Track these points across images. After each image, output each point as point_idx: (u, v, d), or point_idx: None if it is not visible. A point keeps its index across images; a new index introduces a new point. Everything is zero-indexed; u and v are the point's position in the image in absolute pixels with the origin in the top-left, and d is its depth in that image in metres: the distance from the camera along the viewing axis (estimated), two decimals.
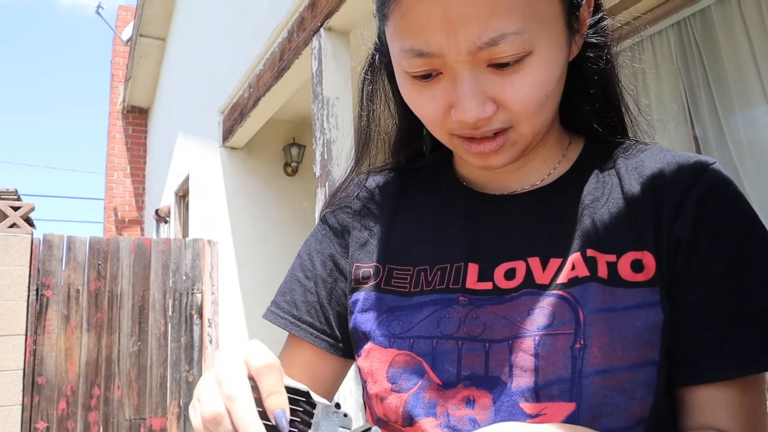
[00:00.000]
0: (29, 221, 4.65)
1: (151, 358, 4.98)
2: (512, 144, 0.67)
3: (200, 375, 5.09)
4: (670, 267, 0.65)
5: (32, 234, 4.57)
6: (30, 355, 4.54)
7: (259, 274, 5.32)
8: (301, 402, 0.52)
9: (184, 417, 5.03)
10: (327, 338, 0.80)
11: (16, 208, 4.54)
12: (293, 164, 5.70)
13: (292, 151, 5.65)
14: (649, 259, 0.65)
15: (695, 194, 0.66)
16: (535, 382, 0.62)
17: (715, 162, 0.68)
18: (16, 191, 4.74)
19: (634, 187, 0.69)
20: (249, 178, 5.64)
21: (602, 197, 0.70)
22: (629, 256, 0.65)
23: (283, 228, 5.51)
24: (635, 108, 0.77)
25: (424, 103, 0.66)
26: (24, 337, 4.47)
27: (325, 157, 3.30)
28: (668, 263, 0.65)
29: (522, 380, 0.63)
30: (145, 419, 4.90)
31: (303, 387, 0.53)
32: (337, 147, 3.29)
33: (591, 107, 0.76)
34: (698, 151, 2.90)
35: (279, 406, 0.50)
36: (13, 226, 4.51)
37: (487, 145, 0.66)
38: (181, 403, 5.03)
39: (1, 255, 4.42)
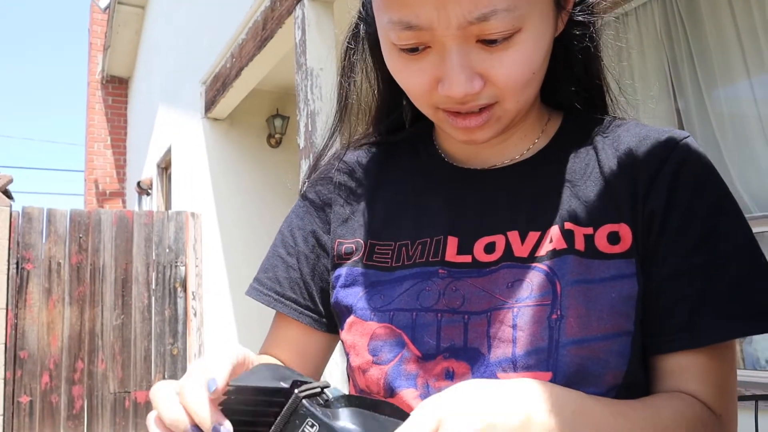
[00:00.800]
0: (7, 193, 4.59)
1: (135, 331, 4.97)
2: (497, 119, 0.67)
3: (184, 348, 5.11)
4: (644, 239, 0.66)
5: (11, 207, 4.52)
6: (11, 329, 4.52)
7: (244, 247, 5.31)
8: (273, 401, 0.52)
9: None
10: (311, 314, 0.81)
11: None
12: (277, 136, 5.65)
13: (276, 122, 5.60)
14: (625, 230, 0.66)
15: (669, 167, 0.67)
16: (513, 352, 0.64)
17: (688, 136, 0.70)
18: None
19: (611, 161, 0.70)
20: (232, 149, 5.59)
21: (580, 171, 0.72)
22: (606, 228, 0.67)
23: (267, 200, 5.48)
24: (616, 87, 0.77)
25: (410, 76, 0.66)
26: (5, 311, 4.44)
27: (309, 129, 3.28)
28: (643, 235, 0.66)
29: (500, 351, 0.64)
30: (129, 392, 4.91)
31: (284, 385, 0.52)
32: (321, 118, 3.27)
33: (572, 83, 0.77)
34: (680, 124, 2.91)
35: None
36: None
37: (473, 120, 0.66)
38: (165, 376, 5.04)
39: None
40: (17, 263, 4.59)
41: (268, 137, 5.71)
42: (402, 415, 0.53)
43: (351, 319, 0.74)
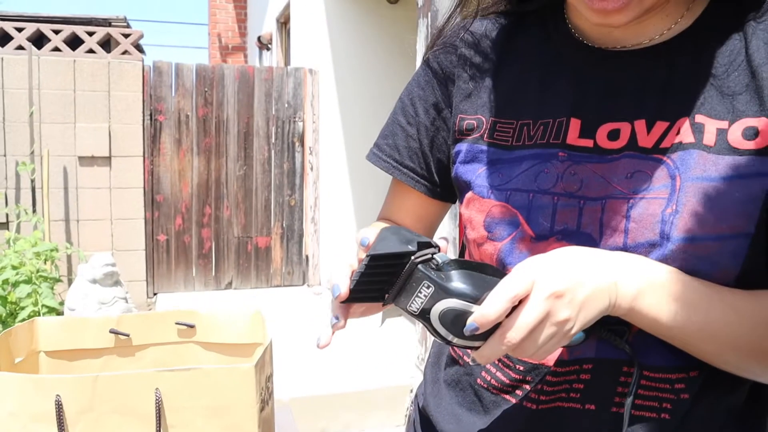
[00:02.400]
0: (139, 48, 4.80)
1: (256, 181, 5.27)
2: (639, 1, 0.63)
3: (301, 200, 5.38)
4: None
5: (143, 61, 4.75)
6: (148, 174, 4.92)
7: (360, 104, 5.36)
8: (401, 263, 0.60)
9: (286, 238, 5.40)
10: (426, 183, 0.84)
11: (126, 36, 4.69)
12: None
13: None
14: (765, 125, 0.61)
15: None
16: (624, 242, 0.64)
17: None
18: (125, 18, 4.86)
19: (761, 50, 0.64)
20: (350, 4, 5.49)
21: (723, 59, 0.66)
22: (743, 122, 0.62)
23: (384, 58, 5.42)
24: None
25: None
26: (142, 158, 4.81)
27: None
28: None
29: (611, 239, 0.65)
30: (251, 237, 5.30)
31: (410, 248, 0.60)
32: None
33: None
34: None
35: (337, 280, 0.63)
36: (125, 53, 4.68)
37: (612, 2, 0.62)
38: (283, 225, 5.38)
39: (117, 81, 4.65)
40: (150, 115, 4.90)
41: None
42: (503, 274, 0.59)
43: (469, 195, 0.75)
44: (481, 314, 0.55)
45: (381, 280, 0.61)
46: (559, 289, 0.56)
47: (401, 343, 3.92)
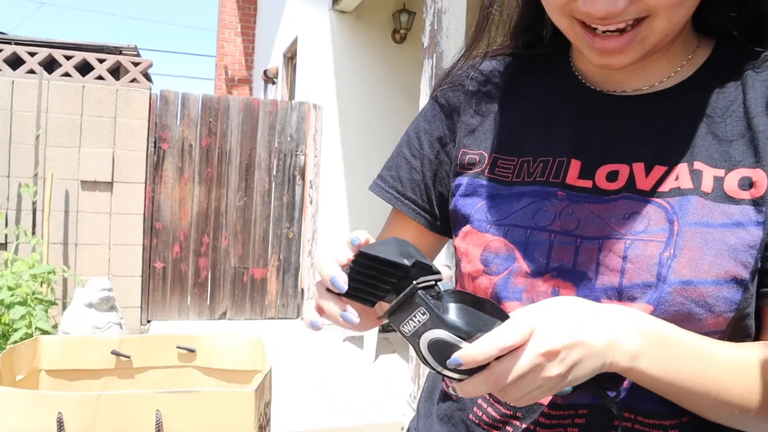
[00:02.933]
0: (147, 76, 4.88)
1: (256, 213, 5.29)
2: (640, 42, 0.64)
3: (299, 233, 5.39)
4: None
5: (150, 89, 4.81)
6: (149, 201, 4.94)
7: (362, 141, 5.41)
8: (392, 273, 0.60)
9: (283, 270, 5.40)
10: (427, 215, 0.85)
11: (136, 64, 4.76)
12: (402, 31, 5.58)
13: (402, 17, 5.51)
14: (760, 176, 0.63)
15: None
16: (620, 282, 0.64)
17: None
18: (136, 47, 4.94)
19: (758, 100, 0.66)
20: (357, 43, 5.59)
21: (721, 108, 0.67)
22: (739, 172, 0.64)
23: (388, 96, 5.50)
24: None
25: None
26: (144, 185, 4.84)
27: (435, 28, 3.22)
28: None
29: (606, 278, 0.65)
30: (248, 268, 5.30)
31: (406, 262, 0.59)
32: (447, 17, 3.19)
33: (731, 8, 0.70)
34: None
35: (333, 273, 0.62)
36: (133, 81, 4.75)
37: (612, 42, 0.64)
38: (281, 257, 5.38)
39: (124, 108, 4.71)
40: (155, 142, 4.95)
41: (393, 32, 5.64)
42: (502, 314, 0.59)
43: (467, 228, 0.76)
44: (468, 354, 0.55)
45: (371, 284, 0.61)
46: (554, 348, 0.55)
47: (393, 380, 3.89)
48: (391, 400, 3.53)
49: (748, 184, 0.63)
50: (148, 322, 5.04)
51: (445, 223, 0.85)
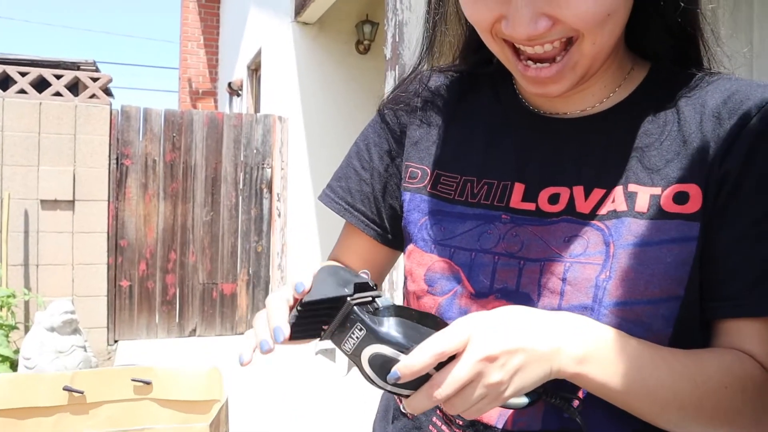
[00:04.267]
0: (107, 91, 4.80)
1: (223, 227, 5.23)
2: (571, 69, 0.65)
3: (268, 246, 5.35)
4: (714, 200, 0.64)
5: (111, 104, 4.73)
6: (113, 219, 4.85)
7: (328, 152, 5.40)
8: (335, 306, 0.60)
9: (252, 284, 5.34)
10: (377, 228, 0.84)
11: (95, 79, 4.68)
12: (366, 42, 5.59)
13: (365, 28, 5.52)
14: (695, 191, 0.64)
15: (754, 126, 0.63)
16: (559, 304, 0.66)
17: None
18: (94, 62, 4.86)
19: (692, 121, 0.67)
20: (320, 54, 5.58)
21: (656, 130, 0.69)
22: (675, 188, 0.65)
23: (353, 107, 5.50)
24: (713, 38, 0.72)
25: (476, 11, 0.65)
26: (107, 202, 4.75)
27: (396, 40, 3.22)
28: (714, 196, 0.64)
29: (547, 300, 0.66)
30: (217, 284, 5.23)
31: (346, 291, 0.60)
32: (409, 30, 3.20)
33: (663, 31, 0.72)
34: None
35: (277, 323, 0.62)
36: (92, 96, 4.67)
37: (545, 71, 0.65)
38: (250, 272, 5.32)
39: (83, 124, 4.62)
40: (117, 159, 4.86)
41: (357, 43, 5.65)
42: (443, 327, 0.58)
43: (411, 247, 0.77)
44: (405, 365, 0.55)
45: (319, 321, 0.61)
46: (492, 353, 0.55)
47: (367, 391, 3.87)
48: (365, 410, 3.50)
49: (684, 198, 0.64)
50: (116, 342, 4.94)
51: (396, 237, 0.85)
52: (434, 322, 0.60)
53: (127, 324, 4.99)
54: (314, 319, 0.61)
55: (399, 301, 0.77)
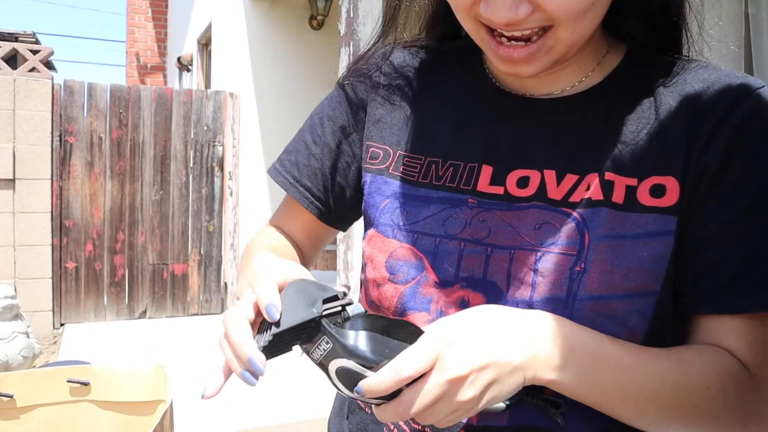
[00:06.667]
0: (49, 65, 4.59)
1: (173, 207, 5.10)
2: (546, 52, 0.62)
3: (220, 225, 5.25)
4: (692, 194, 0.62)
5: (53, 79, 4.53)
6: (57, 198, 4.67)
7: (281, 129, 5.30)
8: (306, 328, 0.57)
9: (204, 264, 5.24)
10: (320, 205, 0.81)
11: (35, 52, 4.47)
12: (319, 17, 5.48)
13: (318, 3, 5.41)
14: (672, 184, 0.62)
15: (734, 119, 0.61)
16: (531, 296, 0.63)
17: (763, 86, 0.63)
18: (34, 34, 4.64)
19: (669, 107, 0.65)
20: (273, 30, 5.46)
21: (633, 116, 0.66)
22: (651, 180, 0.63)
23: (306, 84, 5.40)
24: (696, 26, 0.69)
25: None
26: (50, 181, 4.57)
27: (351, 15, 3.15)
28: (691, 189, 0.62)
29: (518, 292, 0.64)
30: (167, 264, 5.12)
31: (314, 313, 0.57)
32: (363, 5, 3.13)
33: (643, 18, 0.69)
34: (748, 29, 2.71)
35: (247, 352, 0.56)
36: (32, 70, 4.46)
37: (518, 51, 0.61)
38: (201, 252, 5.22)
39: (23, 99, 4.42)
40: (60, 136, 4.67)
41: (310, 18, 5.54)
42: (414, 336, 0.56)
43: (371, 231, 0.73)
44: (369, 385, 0.53)
45: (290, 341, 0.59)
46: (460, 374, 0.53)
47: (322, 374, 3.84)
48: (320, 394, 3.48)
49: (660, 191, 0.62)
50: (62, 325, 4.79)
51: (339, 216, 0.83)
52: (406, 332, 0.58)
53: (74, 307, 4.84)
54: (286, 342, 0.58)
55: (357, 293, 0.74)
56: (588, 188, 0.64)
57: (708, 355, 0.61)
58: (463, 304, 0.66)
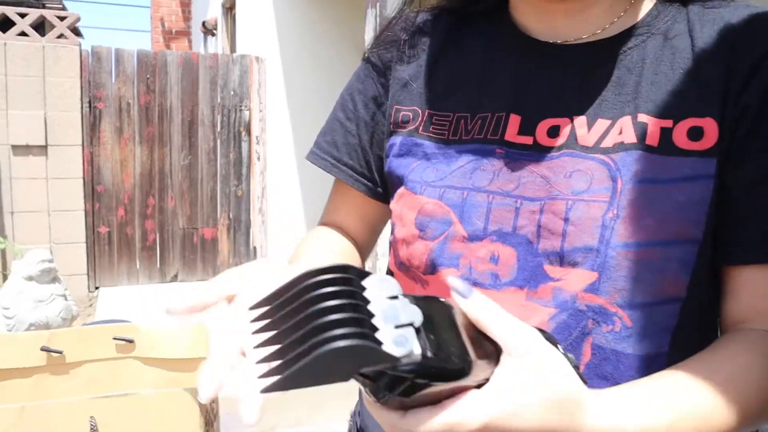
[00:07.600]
0: (76, 31, 4.61)
1: (202, 172, 5.14)
2: None
3: (248, 190, 5.28)
4: (731, 136, 0.60)
5: (80, 45, 4.55)
6: (88, 164, 4.73)
7: (307, 93, 5.28)
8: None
9: (234, 228, 5.30)
10: (366, 182, 0.80)
11: (62, 18, 4.49)
12: None
13: None
14: (711, 125, 0.60)
15: None
16: (561, 246, 0.61)
17: None
18: (61, 0, 4.65)
19: (706, 46, 0.62)
20: None
21: (667, 56, 0.64)
22: (688, 122, 0.60)
23: (332, 46, 5.35)
24: None
25: None
26: (81, 147, 4.62)
27: None
28: (731, 131, 0.60)
29: (548, 243, 0.62)
30: (197, 229, 5.18)
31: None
32: None
33: None
34: None
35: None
36: (60, 36, 4.48)
37: None
38: (230, 216, 5.27)
39: (52, 66, 4.45)
40: (90, 102, 4.70)
41: None
42: (448, 319, 0.46)
43: (401, 190, 0.72)
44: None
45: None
46: None
47: None
48: None
49: (698, 133, 0.60)
50: (96, 288, 4.90)
51: (386, 188, 0.81)
52: (440, 312, 0.46)
53: (108, 270, 4.94)
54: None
55: (386, 257, 0.71)
56: (620, 132, 0.62)
57: (754, 351, 0.57)
58: (493, 259, 0.65)
